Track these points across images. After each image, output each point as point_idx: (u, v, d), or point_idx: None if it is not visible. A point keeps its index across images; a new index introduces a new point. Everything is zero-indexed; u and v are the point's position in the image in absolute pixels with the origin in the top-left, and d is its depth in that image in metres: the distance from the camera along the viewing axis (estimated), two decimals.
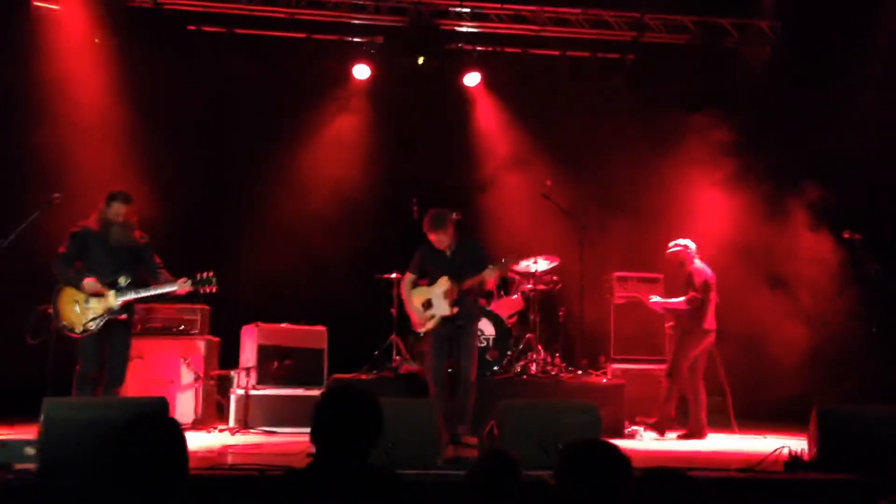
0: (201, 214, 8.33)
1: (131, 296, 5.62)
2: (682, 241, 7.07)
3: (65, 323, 5.51)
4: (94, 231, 5.64)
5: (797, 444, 5.05)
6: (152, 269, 5.78)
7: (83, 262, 5.62)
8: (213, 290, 5.72)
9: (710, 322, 6.91)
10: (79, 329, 5.51)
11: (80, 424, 4.29)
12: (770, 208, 8.08)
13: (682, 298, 6.97)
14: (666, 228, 8.23)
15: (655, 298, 7.32)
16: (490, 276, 6.01)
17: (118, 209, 5.64)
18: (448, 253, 6.06)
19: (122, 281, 5.59)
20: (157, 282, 5.71)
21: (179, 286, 5.67)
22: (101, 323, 5.54)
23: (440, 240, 6.01)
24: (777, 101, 8.49)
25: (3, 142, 7.54)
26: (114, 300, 5.56)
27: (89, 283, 5.51)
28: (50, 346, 5.51)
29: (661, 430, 6.93)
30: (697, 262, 7.03)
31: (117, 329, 5.65)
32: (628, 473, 2.52)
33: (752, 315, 7.90)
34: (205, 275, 5.70)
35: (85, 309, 5.53)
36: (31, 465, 4.22)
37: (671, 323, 7.17)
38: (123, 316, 5.65)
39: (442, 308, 5.98)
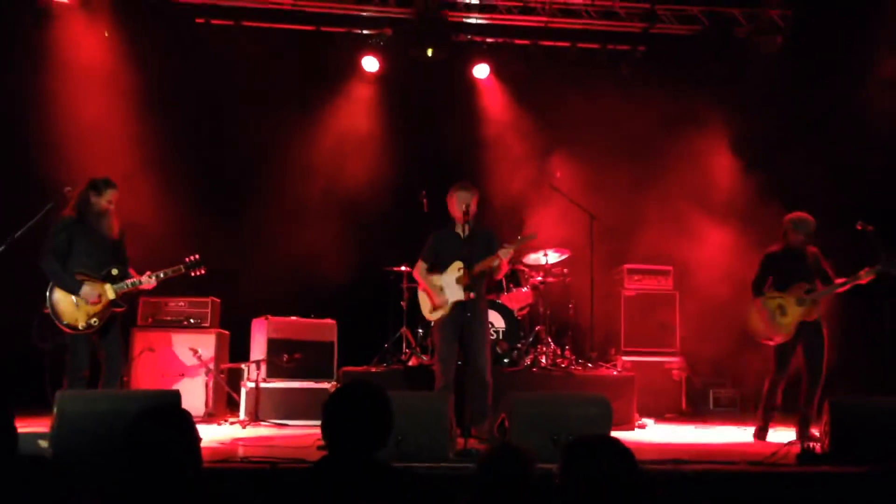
0: (209, 207, 8.33)
1: (127, 286, 5.48)
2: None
3: (67, 321, 5.34)
4: (78, 221, 5.43)
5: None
6: (124, 262, 5.62)
7: (69, 254, 5.41)
8: (203, 272, 5.76)
9: None
10: (82, 325, 5.34)
11: (93, 417, 4.33)
12: (783, 197, 8.03)
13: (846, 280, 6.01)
14: (676, 221, 8.22)
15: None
16: (505, 256, 5.82)
17: (111, 196, 5.46)
18: (463, 235, 5.92)
19: (114, 272, 5.46)
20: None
21: (146, 280, 5.53)
22: (105, 317, 5.40)
23: (464, 201, 5.83)
24: (788, 90, 8.43)
25: (12, 137, 7.55)
26: (111, 293, 5.42)
27: (87, 292, 5.32)
28: (60, 347, 5.40)
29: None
30: None
31: (109, 321, 5.48)
32: (633, 469, 2.51)
33: None
34: (193, 258, 5.73)
35: (84, 305, 5.35)
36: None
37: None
38: (123, 308, 5.52)
39: (455, 294, 5.83)
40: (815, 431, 5.48)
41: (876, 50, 7.88)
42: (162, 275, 5.59)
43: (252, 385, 7.07)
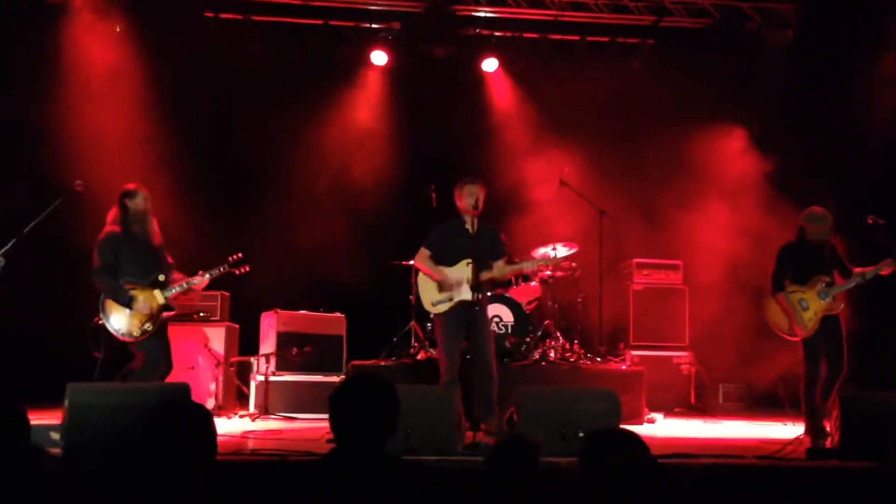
0: (218, 202, 8.36)
1: (176, 290, 5.59)
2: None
3: (123, 331, 5.43)
4: (120, 234, 5.53)
5: None
6: (168, 268, 5.71)
7: (116, 265, 5.50)
8: (248, 269, 5.80)
9: None
10: (137, 332, 5.43)
11: (104, 410, 4.36)
12: (792, 192, 8.00)
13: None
14: (685, 215, 8.19)
15: None
16: (529, 268, 5.94)
17: (144, 197, 5.59)
18: (471, 230, 5.87)
19: (161, 278, 5.56)
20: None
21: (199, 281, 5.64)
22: (158, 321, 5.51)
23: (475, 194, 5.80)
24: (798, 85, 8.38)
25: (23, 136, 7.59)
26: (161, 298, 5.53)
27: (140, 306, 5.42)
28: (114, 353, 5.50)
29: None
30: None
31: (161, 325, 5.62)
32: (651, 462, 2.51)
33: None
34: (236, 257, 5.77)
35: (137, 312, 5.45)
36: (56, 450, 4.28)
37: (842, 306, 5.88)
38: (173, 311, 5.64)
39: (463, 293, 5.83)
40: (826, 426, 5.46)
41: (885, 47, 7.83)
42: (208, 275, 5.67)
43: (262, 378, 7.10)
